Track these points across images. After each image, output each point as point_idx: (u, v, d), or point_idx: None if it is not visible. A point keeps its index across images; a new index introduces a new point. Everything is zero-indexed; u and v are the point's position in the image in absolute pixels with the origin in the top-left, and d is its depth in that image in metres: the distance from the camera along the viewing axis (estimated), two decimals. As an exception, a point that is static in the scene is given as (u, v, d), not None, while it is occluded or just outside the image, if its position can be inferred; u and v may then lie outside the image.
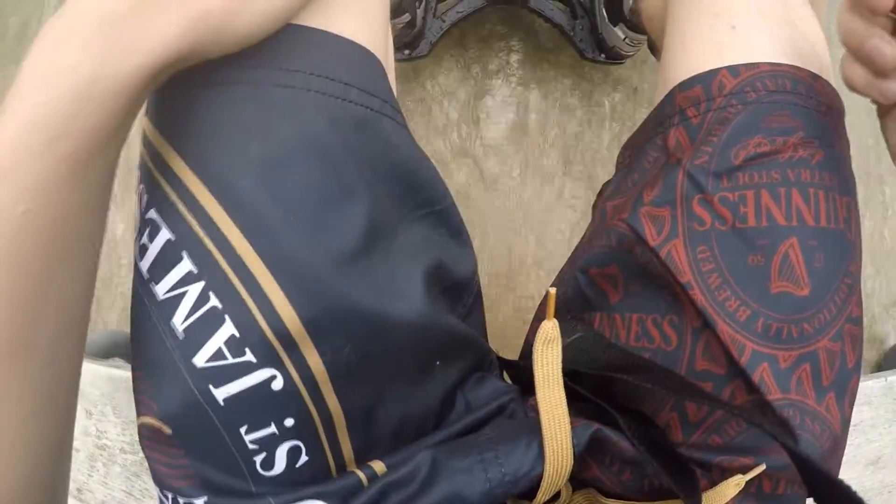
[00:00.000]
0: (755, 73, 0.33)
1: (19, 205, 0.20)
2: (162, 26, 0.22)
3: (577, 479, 0.35)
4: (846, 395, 0.32)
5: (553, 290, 0.30)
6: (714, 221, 0.32)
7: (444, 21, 0.73)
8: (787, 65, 0.33)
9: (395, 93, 0.33)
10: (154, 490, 0.30)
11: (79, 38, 0.21)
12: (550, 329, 0.31)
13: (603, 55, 0.74)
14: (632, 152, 0.40)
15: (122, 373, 0.52)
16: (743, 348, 0.31)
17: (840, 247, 0.32)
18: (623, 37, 0.67)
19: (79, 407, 0.53)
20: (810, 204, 0.31)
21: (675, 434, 0.34)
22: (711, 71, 0.34)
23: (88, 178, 0.23)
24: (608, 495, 0.35)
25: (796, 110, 0.32)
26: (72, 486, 0.53)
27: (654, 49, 0.65)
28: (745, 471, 0.31)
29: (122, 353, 0.68)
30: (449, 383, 0.35)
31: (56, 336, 0.24)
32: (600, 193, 0.43)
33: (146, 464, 0.30)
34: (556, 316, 0.34)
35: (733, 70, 0.33)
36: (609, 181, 0.42)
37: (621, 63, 0.75)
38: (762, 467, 0.31)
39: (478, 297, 0.39)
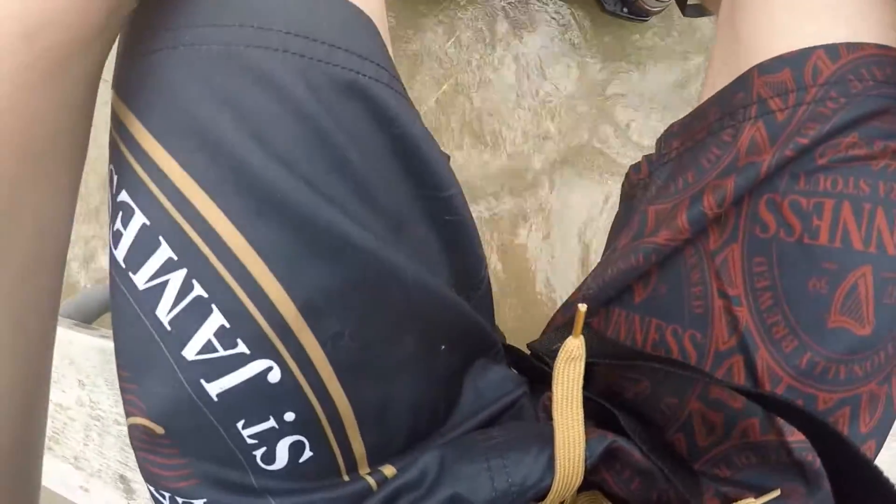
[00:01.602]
0: (859, 57, 0.27)
1: None
2: None
3: (585, 481, 0.33)
4: (885, 441, 0.30)
5: (583, 308, 0.28)
6: (780, 229, 0.28)
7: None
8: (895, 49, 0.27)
9: (392, 59, 0.29)
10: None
11: None
12: (576, 347, 0.29)
13: (625, 9, 0.69)
14: (683, 143, 0.34)
15: (112, 344, 0.50)
16: (778, 381, 0.28)
17: None
18: (649, -11, 0.62)
19: (72, 376, 0.52)
20: (894, 229, 0.27)
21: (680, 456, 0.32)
22: (803, 51, 0.28)
23: (67, 79, 0.21)
24: (613, 499, 0.34)
25: None
26: (68, 453, 0.52)
27: (683, 3, 0.59)
28: None
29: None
30: (454, 369, 0.34)
31: (33, 248, 0.22)
32: (627, 177, 0.39)
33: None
34: (563, 323, 0.31)
35: (832, 51, 0.27)
36: (637, 164, 0.38)
37: (645, 20, 0.70)
38: (777, 492, 0.29)
39: (486, 292, 0.37)
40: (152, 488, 0.28)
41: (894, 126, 0.27)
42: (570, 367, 0.29)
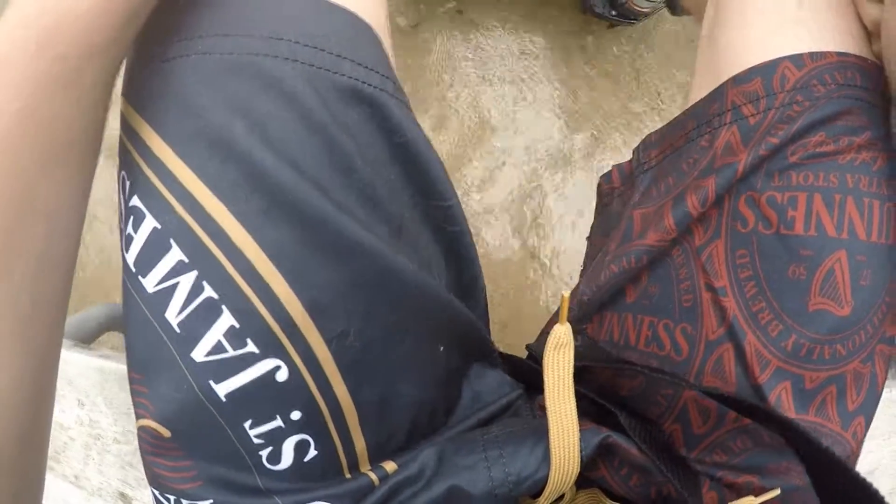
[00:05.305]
0: (822, 65, 0.29)
1: (14, 102, 0.20)
2: None
3: (583, 478, 0.34)
4: (873, 418, 0.31)
5: (567, 294, 0.28)
6: (758, 223, 0.30)
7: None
8: (853, 55, 0.29)
9: (394, 70, 0.30)
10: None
11: None
12: (563, 334, 0.30)
13: (614, 12, 0.69)
14: (662, 152, 0.36)
15: (111, 364, 0.50)
16: (767, 364, 0.30)
17: (888, 263, 0.29)
18: (640, -10, 0.63)
19: (71, 396, 0.52)
20: (864, 215, 0.29)
21: (677, 447, 0.33)
22: (772, 62, 0.30)
23: (82, 84, 0.22)
24: (613, 497, 0.34)
25: (865, 107, 0.29)
26: (69, 472, 0.52)
27: (674, 4, 0.59)
28: (750, 488, 0.30)
29: (119, 327, 0.66)
30: (452, 370, 0.34)
31: (44, 245, 0.23)
32: (599, 187, 0.41)
33: (139, 454, 0.29)
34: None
35: (797, 60, 0.29)
36: (607, 174, 0.40)
37: (634, 22, 0.70)
38: (776, 491, 0.29)
39: (482, 304, 0.37)
40: (157, 492, 0.28)
41: (857, 123, 0.29)
42: (559, 353, 0.30)
